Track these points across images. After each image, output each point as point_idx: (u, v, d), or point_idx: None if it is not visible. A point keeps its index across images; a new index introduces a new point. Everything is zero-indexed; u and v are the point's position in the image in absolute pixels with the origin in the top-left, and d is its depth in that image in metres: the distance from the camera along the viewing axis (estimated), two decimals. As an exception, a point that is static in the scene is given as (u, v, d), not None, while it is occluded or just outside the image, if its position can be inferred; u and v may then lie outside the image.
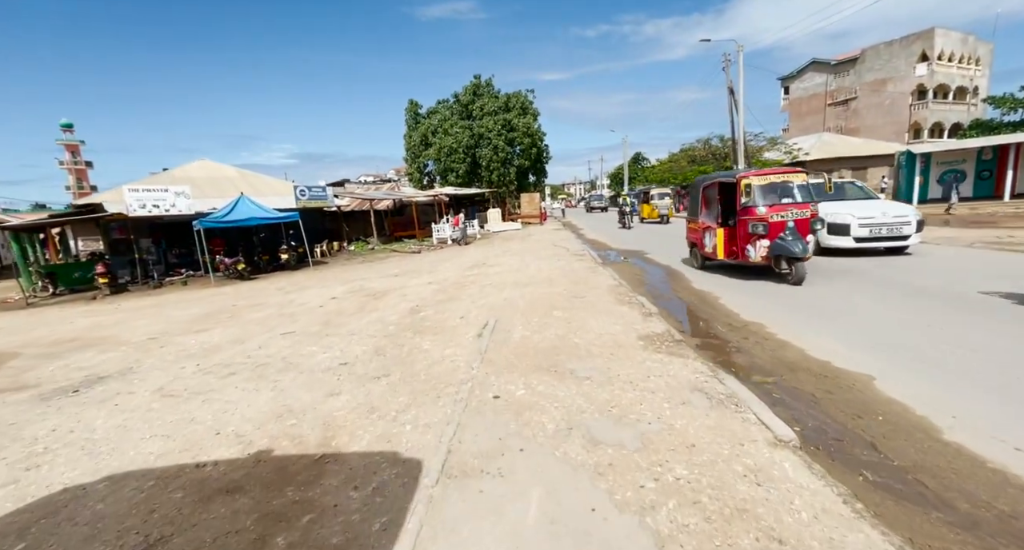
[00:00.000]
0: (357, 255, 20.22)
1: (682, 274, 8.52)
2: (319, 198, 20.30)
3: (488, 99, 33.42)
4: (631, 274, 8.95)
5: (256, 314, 8.91)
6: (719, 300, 6.23)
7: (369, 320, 6.99)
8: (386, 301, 8.61)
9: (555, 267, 10.41)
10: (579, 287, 7.60)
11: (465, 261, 14.00)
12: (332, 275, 14.56)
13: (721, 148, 33.39)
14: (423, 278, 11.39)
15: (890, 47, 39.40)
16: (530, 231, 24.79)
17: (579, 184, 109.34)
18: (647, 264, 10.38)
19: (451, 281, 10.22)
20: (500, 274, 10.24)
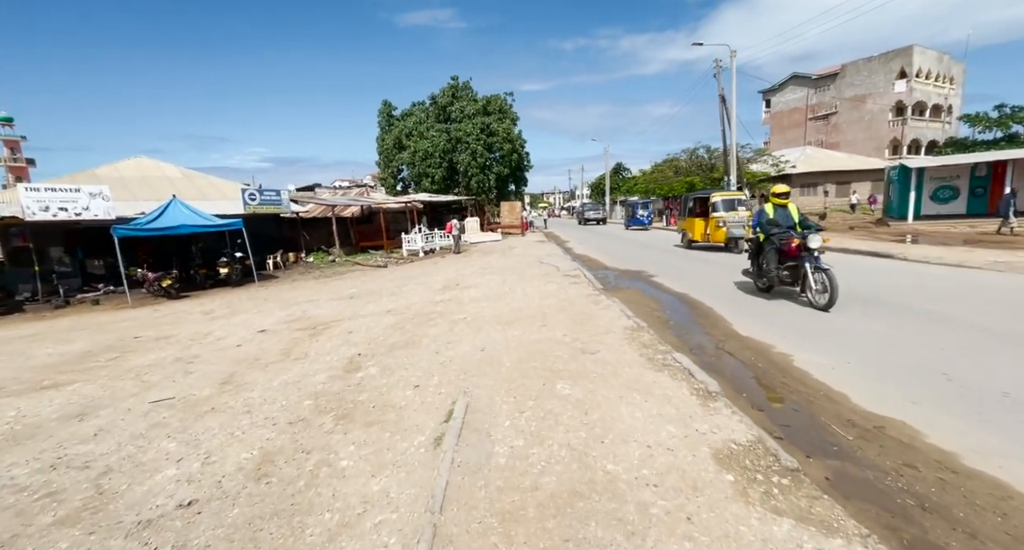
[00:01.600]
0: (315, 268, 17.84)
1: (711, 309, 6.65)
2: (272, 203, 17.89)
3: (467, 102, 31.57)
4: (645, 307, 7.05)
5: (150, 356, 6.67)
6: (791, 361, 4.33)
7: (286, 379, 4.85)
8: (324, 341, 6.46)
9: (546, 293, 8.44)
10: (585, 329, 5.64)
11: (436, 280, 11.91)
12: (276, 295, 12.25)
13: (707, 159, 32.37)
14: (382, 303, 9.26)
15: (869, 63, 39.54)
16: (511, 243, 22.85)
17: (559, 193, 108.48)
18: (658, 291, 8.51)
19: (415, 310, 8.13)
20: (477, 302, 8.21)
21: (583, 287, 8.92)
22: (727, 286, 8.55)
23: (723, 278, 9.47)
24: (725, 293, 7.86)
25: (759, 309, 6.58)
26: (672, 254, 14.45)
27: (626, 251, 16.51)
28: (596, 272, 11.08)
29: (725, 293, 7.86)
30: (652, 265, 11.91)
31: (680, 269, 11.05)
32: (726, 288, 8.38)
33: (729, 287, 8.52)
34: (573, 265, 12.41)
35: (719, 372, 4.07)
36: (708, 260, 12.45)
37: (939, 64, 39.62)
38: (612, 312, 6.50)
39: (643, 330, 5.41)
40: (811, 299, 6.20)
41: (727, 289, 8.23)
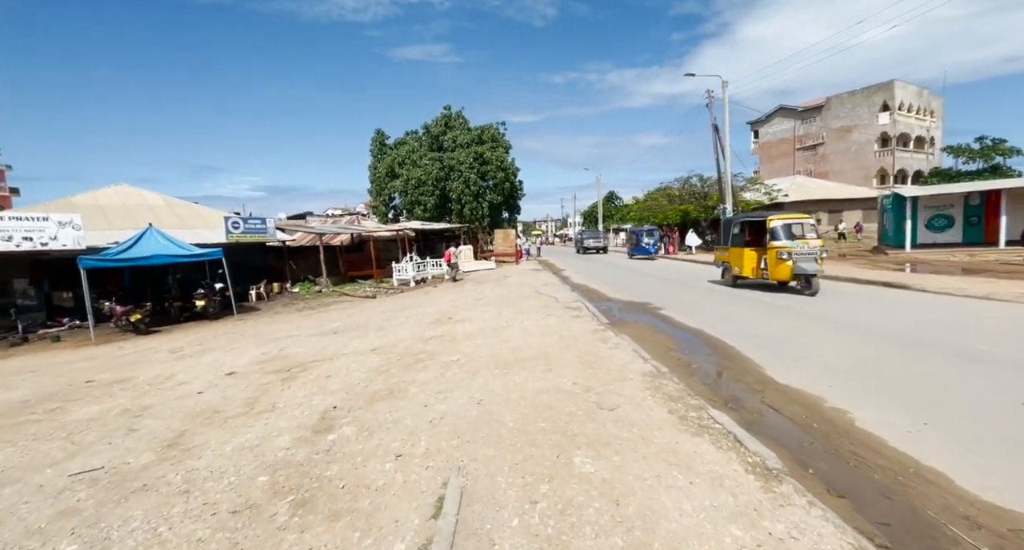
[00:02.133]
0: (300, 299, 16.99)
1: (735, 349, 5.95)
2: (257, 232, 17.20)
3: (460, 131, 31.61)
4: (659, 346, 6.35)
5: (95, 407, 5.82)
6: (852, 420, 3.62)
7: (243, 442, 4.04)
8: (297, 388, 5.64)
9: (547, 328, 7.72)
10: (597, 375, 4.91)
11: (428, 312, 11.14)
12: (254, 329, 11.38)
13: (700, 187, 32.43)
14: (367, 340, 8.47)
15: (853, 96, 40.66)
16: (505, 271, 22.22)
17: (551, 221, 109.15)
18: (670, 326, 7.81)
19: (403, 348, 7.34)
20: (472, 339, 7.46)
21: (587, 321, 8.21)
22: (742, 319, 7.90)
23: (736, 310, 8.84)
24: (743, 327, 7.20)
25: (791, 348, 5.91)
26: (686, 287, 13.09)
27: (631, 282, 15.91)
28: (598, 304, 10.40)
29: (743, 327, 7.20)
30: (659, 296, 11.27)
31: (688, 302, 10.42)
32: (740, 320, 7.73)
33: (744, 320, 7.87)
34: (573, 296, 11.74)
35: (771, 437, 3.34)
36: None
37: (919, 98, 40.86)
38: (624, 352, 5.77)
39: (665, 377, 4.68)
40: None
41: (743, 322, 7.58)
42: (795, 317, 7.80)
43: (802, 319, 7.58)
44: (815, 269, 9.97)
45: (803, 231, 10.77)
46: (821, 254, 10.27)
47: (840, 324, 7.14)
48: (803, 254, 10.01)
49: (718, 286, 12.56)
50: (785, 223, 10.82)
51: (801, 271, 9.88)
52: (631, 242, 28.80)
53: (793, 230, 10.70)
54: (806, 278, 9.97)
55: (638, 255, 26.91)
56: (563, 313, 9.25)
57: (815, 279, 9.95)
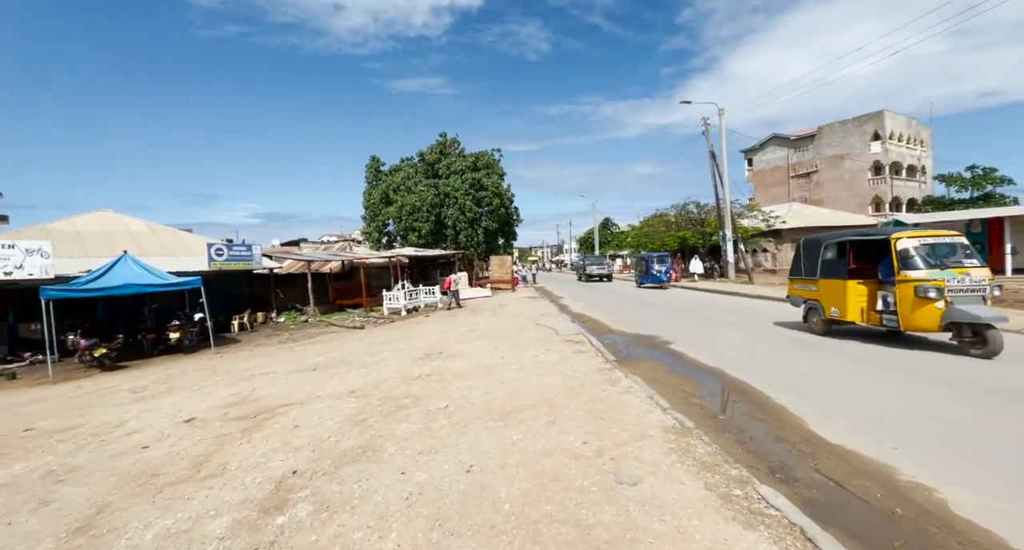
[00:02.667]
0: (285, 329, 16.13)
1: (765, 395, 5.22)
2: (242, 259, 16.50)
3: (456, 158, 31.54)
4: (676, 389, 5.59)
5: (15, 467, 5.05)
6: (943, 501, 2.86)
7: (170, 525, 3.22)
8: (258, 442, 4.83)
9: (547, 366, 6.95)
10: (609, 431, 4.13)
11: (417, 346, 10.35)
12: (230, 364, 10.53)
13: (697, 213, 32.24)
14: (348, 378, 7.66)
15: (844, 126, 41.28)
16: (501, 299, 21.49)
17: (546, 248, 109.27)
18: (684, 365, 7.04)
19: (385, 390, 6.54)
20: (464, 379, 6.68)
21: (591, 358, 7.45)
22: (760, 355, 7.17)
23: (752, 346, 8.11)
24: (762, 365, 6.46)
25: (827, 393, 5.17)
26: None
27: (628, 310, 15.19)
28: (601, 337, 9.65)
29: (762, 365, 6.46)
30: (666, 328, 10.52)
31: (696, 331, 9.67)
32: (755, 355, 7.00)
33: (764, 356, 7.14)
34: (573, 327, 10.99)
35: (845, 528, 2.57)
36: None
37: (908, 128, 41.54)
38: (638, 399, 5.01)
39: (691, 434, 3.92)
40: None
41: (762, 359, 6.85)
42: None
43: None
44: (991, 315, 6.40)
45: (956, 255, 7.14)
46: (992, 290, 6.77)
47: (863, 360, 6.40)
48: (963, 291, 6.60)
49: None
50: (925, 243, 7.30)
51: (963, 318, 6.42)
52: (639, 269, 25.86)
53: (939, 252, 7.25)
54: (974, 329, 6.51)
55: (648, 283, 24.05)
56: (564, 348, 8.49)
57: (993, 332, 6.32)
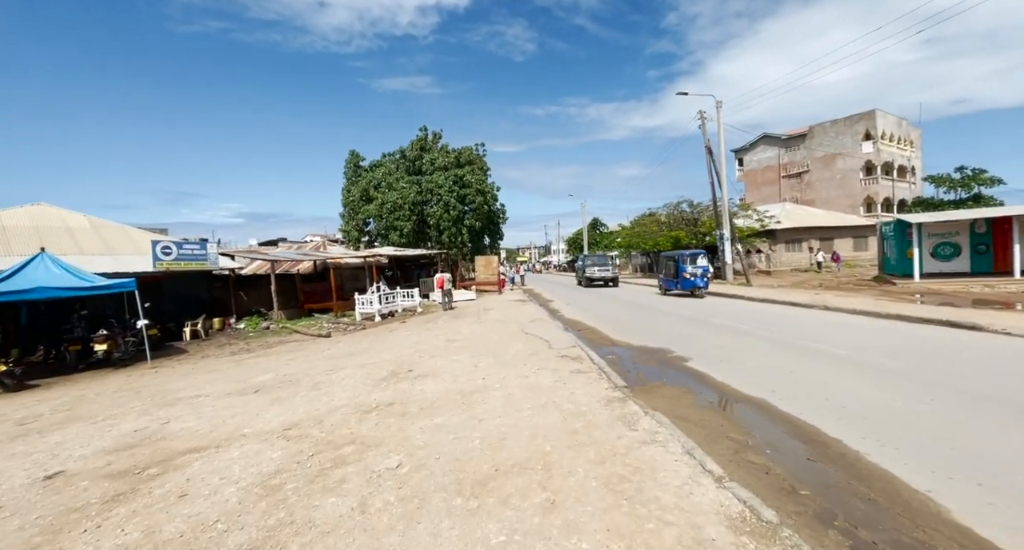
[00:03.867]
0: (243, 337, 14.36)
1: (851, 449, 3.73)
2: (194, 259, 14.70)
3: (438, 153, 29.89)
4: (718, 433, 4.12)
5: None
6: None
7: None
8: (112, 526, 3.25)
9: (540, 396, 5.45)
10: (642, 524, 2.67)
11: (385, 361, 8.78)
12: (159, 384, 8.84)
13: (691, 213, 31.16)
14: (291, 405, 6.09)
15: (836, 125, 40.73)
16: (487, 302, 19.95)
17: (534, 248, 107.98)
18: (713, 391, 5.58)
19: (329, 428, 4.99)
20: (432, 413, 5.16)
21: (593, 381, 5.97)
22: (809, 379, 5.78)
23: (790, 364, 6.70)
24: (821, 395, 5.07)
25: (929, 439, 3.78)
26: (689, 320, 11.17)
27: (635, 319, 13.71)
28: (601, 351, 8.18)
29: (821, 395, 5.07)
30: (675, 340, 9.10)
31: (711, 344, 8.24)
32: (802, 379, 5.61)
33: (816, 381, 5.74)
34: (568, 338, 9.51)
35: None
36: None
37: (899, 128, 41.18)
38: (672, 455, 3.53)
39: (778, 536, 2.44)
40: None
41: (816, 386, 5.45)
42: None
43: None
44: None
45: None
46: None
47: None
48: None
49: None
50: None
51: None
52: (666, 271, 19.85)
53: None
54: None
55: (677, 290, 18.57)
56: (559, 365, 7.01)
57: None
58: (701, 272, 17.53)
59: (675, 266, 18.67)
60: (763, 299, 15.25)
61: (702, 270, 17.56)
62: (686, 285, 17.76)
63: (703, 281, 17.46)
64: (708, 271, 17.80)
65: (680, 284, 18.07)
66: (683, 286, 17.95)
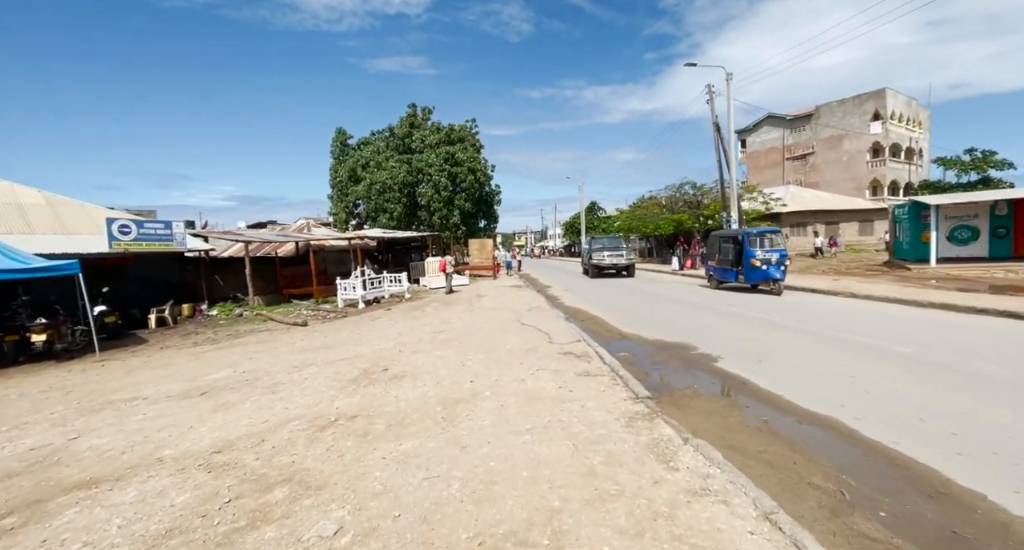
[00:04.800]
0: (212, 325, 13.12)
1: (987, 499, 2.65)
2: (158, 239, 13.36)
3: (429, 131, 28.25)
4: (794, 477, 2.95)
5: None
6: None
7: None
8: None
9: (543, 412, 4.30)
10: None
11: (361, 355, 7.62)
12: (98, 382, 7.67)
13: (694, 195, 29.90)
14: (236, 415, 4.97)
15: (843, 105, 39.29)
16: (480, 288, 18.77)
17: (530, 233, 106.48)
18: (761, 404, 4.41)
19: (267, 453, 3.87)
20: (402, 432, 4.06)
21: (606, 387, 4.83)
22: (885, 389, 4.67)
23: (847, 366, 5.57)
24: (911, 414, 3.96)
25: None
26: (706, 309, 9.75)
27: (644, 308, 12.54)
28: (611, 346, 7.04)
29: (911, 414, 3.96)
30: (694, 331, 7.96)
31: (749, 345, 7.09)
32: (876, 388, 4.50)
33: (894, 392, 4.63)
34: (570, 329, 8.37)
35: None
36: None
37: (908, 108, 39.80)
38: (742, 521, 2.40)
39: None
40: None
41: (901, 399, 4.34)
42: None
43: None
44: None
45: None
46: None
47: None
48: None
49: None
50: None
51: None
52: (721, 257, 14.80)
53: None
54: None
55: (738, 281, 13.85)
56: (563, 365, 5.86)
57: None
58: (778, 258, 12.55)
59: (736, 249, 13.78)
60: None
61: (779, 254, 12.60)
62: (755, 276, 12.89)
63: (780, 270, 12.49)
64: (786, 256, 12.88)
65: (746, 274, 13.18)
66: (750, 277, 13.08)
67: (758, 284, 13.17)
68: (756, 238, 13.21)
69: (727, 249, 14.42)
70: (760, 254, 12.72)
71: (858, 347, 6.31)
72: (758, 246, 12.98)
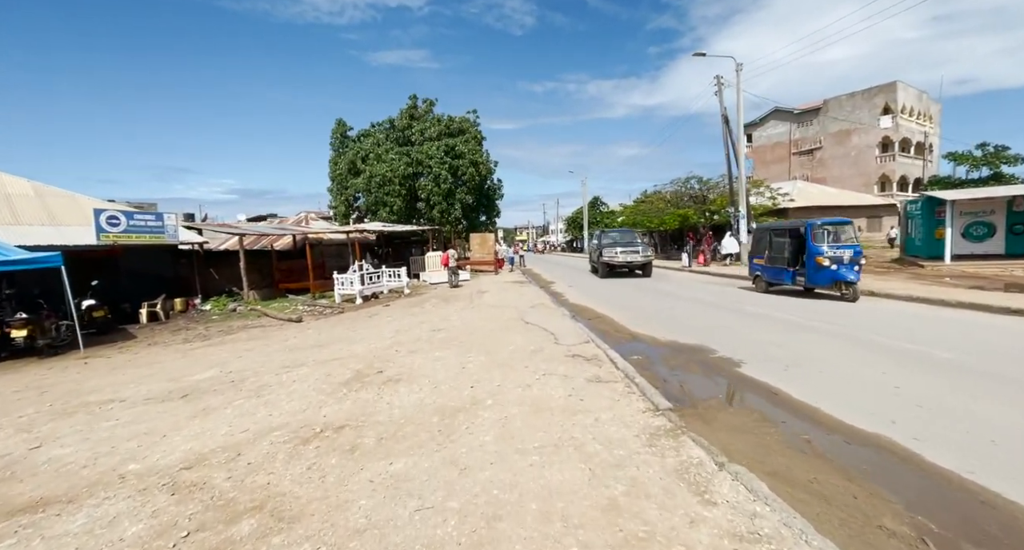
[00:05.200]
0: (204, 320, 12.70)
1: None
2: (149, 232, 12.91)
3: (429, 123, 27.65)
4: (857, 518, 2.48)
5: None
6: None
7: None
8: None
9: (552, 424, 3.84)
10: None
11: (355, 355, 7.18)
12: (76, 382, 7.28)
13: (700, 190, 29.31)
14: (215, 422, 4.57)
15: (852, 99, 38.55)
16: (481, 284, 18.31)
17: (532, 228, 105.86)
18: (800, 419, 3.87)
19: (241, 472, 3.45)
20: (394, 448, 3.66)
21: (621, 396, 4.38)
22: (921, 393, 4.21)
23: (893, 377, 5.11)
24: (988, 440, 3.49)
25: None
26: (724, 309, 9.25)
27: (652, 304, 12.05)
28: (621, 348, 6.58)
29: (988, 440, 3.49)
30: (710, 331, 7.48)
31: (774, 348, 6.62)
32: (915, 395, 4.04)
33: (962, 407, 4.16)
34: (577, 329, 7.90)
35: None
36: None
37: (919, 102, 39.05)
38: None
39: None
40: None
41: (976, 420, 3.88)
42: None
43: None
44: None
45: None
46: None
47: None
48: None
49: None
50: None
51: None
52: (775, 255, 12.16)
53: None
54: None
55: (793, 284, 11.48)
56: (571, 369, 5.40)
57: None
58: (852, 255, 10.09)
59: (793, 245, 11.39)
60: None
61: (853, 251, 10.13)
62: (822, 278, 10.42)
63: (855, 271, 10.07)
64: (861, 253, 10.39)
65: (809, 275, 10.71)
66: (815, 279, 10.60)
67: (821, 287, 10.87)
68: (822, 231, 10.69)
69: (780, 245, 11.89)
70: (829, 251, 10.27)
71: (892, 351, 5.81)
72: (825, 240, 10.50)
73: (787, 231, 11.97)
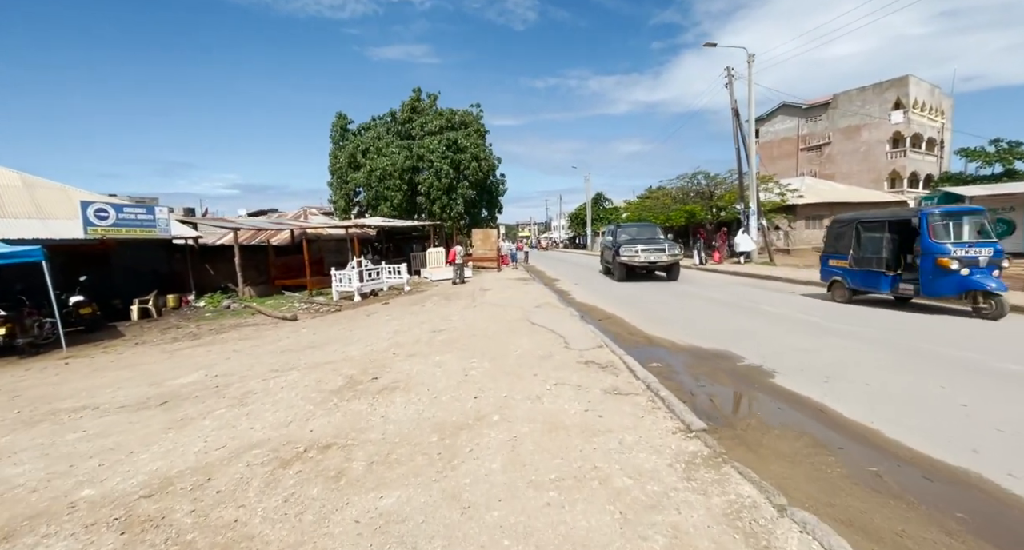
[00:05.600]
0: (196, 318, 12.23)
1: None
2: (139, 225, 12.43)
3: (431, 116, 27.06)
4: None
5: None
6: None
7: None
8: None
9: (568, 457, 3.28)
10: None
11: (350, 358, 6.69)
12: (52, 385, 6.84)
13: (707, 186, 28.67)
14: (188, 437, 4.08)
15: (863, 93, 37.77)
16: (484, 281, 17.80)
17: (534, 225, 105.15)
18: (860, 445, 3.23)
19: (214, 497, 2.97)
20: (386, 476, 3.21)
21: (645, 412, 3.87)
22: (996, 414, 3.69)
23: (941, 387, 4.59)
24: None
25: None
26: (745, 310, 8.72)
27: (663, 304, 11.52)
28: (638, 352, 6.06)
29: None
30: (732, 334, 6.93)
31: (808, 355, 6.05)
32: (990, 414, 3.52)
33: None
34: (587, 331, 7.39)
35: None
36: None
37: (931, 96, 38.24)
38: None
39: None
40: None
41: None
42: None
43: None
44: None
45: None
46: None
47: None
48: None
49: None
50: None
51: None
52: (865, 255, 9.36)
53: None
54: None
55: (910, 293, 8.54)
56: (585, 378, 4.89)
57: None
58: (991, 255, 7.62)
59: (894, 242, 8.91)
60: (807, 281, 13.15)
61: (993, 250, 7.69)
62: (946, 286, 7.82)
63: (995, 278, 7.62)
64: (1002, 254, 7.87)
65: (924, 283, 8.11)
66: (935, 289, 7.98)
67: (940, 299, 8.37)
68: (946, 223, 8.07)
69: (875, 242, 9.10)
70: (957, 250, 7.63)
71: (943, 361, 5.22)
72: (950, 236, 7.92)
73: (886, 223, 9.12)
